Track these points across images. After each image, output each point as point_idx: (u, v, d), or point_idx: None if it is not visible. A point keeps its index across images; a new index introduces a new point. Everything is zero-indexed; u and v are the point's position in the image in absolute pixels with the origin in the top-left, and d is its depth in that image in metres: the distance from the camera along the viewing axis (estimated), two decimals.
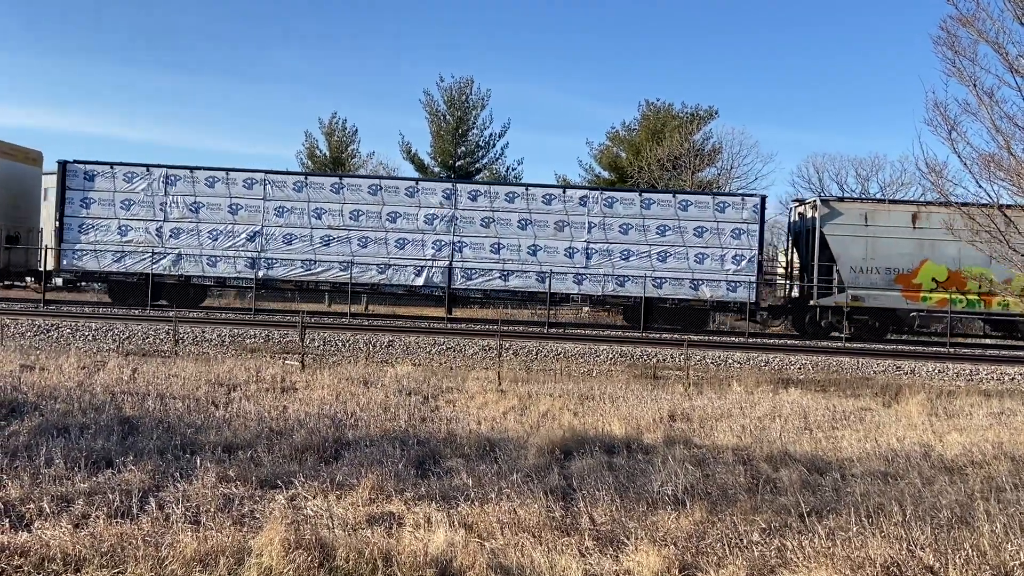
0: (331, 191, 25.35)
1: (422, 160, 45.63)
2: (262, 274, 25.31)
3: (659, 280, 24.98)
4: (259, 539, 5.49)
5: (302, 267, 25.25)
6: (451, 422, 10.46)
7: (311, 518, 6.20)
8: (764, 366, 19.23)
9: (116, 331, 19.40)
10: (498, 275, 25.15)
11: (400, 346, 19.61)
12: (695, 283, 24.96)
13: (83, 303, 26.88)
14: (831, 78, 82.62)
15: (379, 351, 19.20)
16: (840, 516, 6.46)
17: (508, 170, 45.72)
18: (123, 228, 25.21)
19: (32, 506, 6.15)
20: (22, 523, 5.87)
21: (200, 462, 7.43)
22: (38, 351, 16.12)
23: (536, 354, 19.50)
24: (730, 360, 19.48)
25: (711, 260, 24.92)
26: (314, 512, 6.37)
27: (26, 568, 5.11)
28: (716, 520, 6.39)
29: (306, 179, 25.79)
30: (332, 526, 6.00)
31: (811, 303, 25.43)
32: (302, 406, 10.87)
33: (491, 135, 45.61)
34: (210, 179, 25.32)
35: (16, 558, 5.19)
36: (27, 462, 7.25)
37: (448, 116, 44.75)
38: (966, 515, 6.60)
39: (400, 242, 25.24)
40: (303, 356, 16.35)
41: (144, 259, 25.19)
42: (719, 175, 41.81)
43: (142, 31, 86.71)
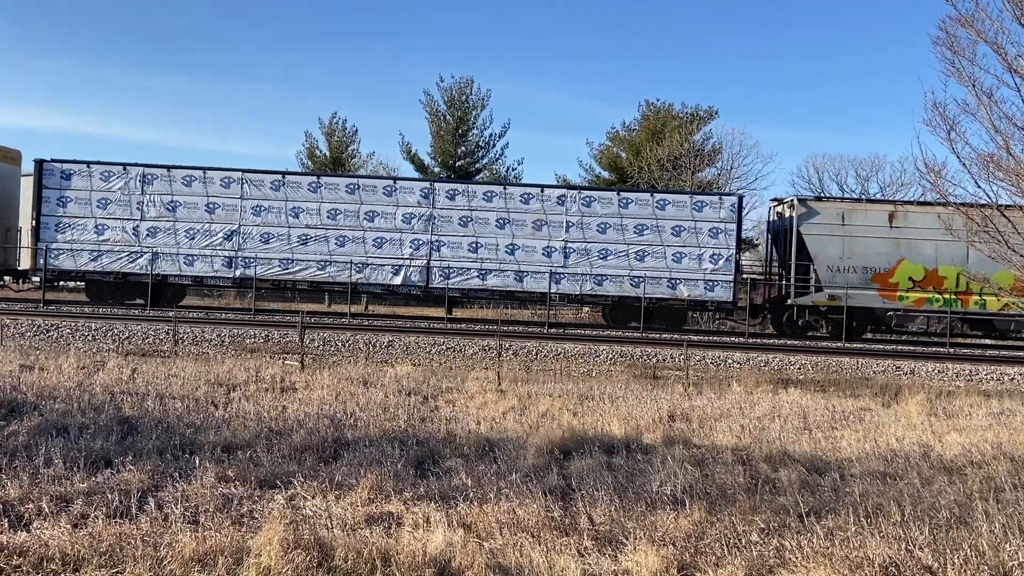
0: (308, 190, 25.30)
1: (422, 160, 45.64)
2: (239, 273, 25.25)
3: (637, 279, 24.98)
4: (258, 539, 5.50)
5: (279, 266, 25.20)
6: (450, 422, 10.47)
7: (310, 518, 6.20)
8: (764, 366, 19.23)
9: (116, 331, 19.41)
10: (476, 274, 25.14)
11: (400, 346, 19.62)
12: (673, 282, 24.97)
13: (82, 303, 26.86)
14: (831, 78, 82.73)
15: (379, 351, 19.20)
16: (839, 516, 6.46)
17: (508, 170, 45.75)
18: (100, 227, 25.16)
19: (31, 506, 6.16)
20: (21, 523, 5.88)
21: (199, 462, 7.44)
22: (38, 351, 16.13)
23: (536, 354, 19.50)
24: (730, 360, 19.49)
25: (689, 259, 24.93)
26: (313, 512, 6.37)
27: (25, 568, 5.11)
28: (715, 520, 6.40)
29: (283, 178, 25.62)
30: (331, 526, 6.00)
31: (788, 302, 25.43)
32: (301, 406, 10.87)
33: (491, 135, 45.66)
34: (187, 178, 25.25)
35: (15, 558, 5.19)
36: (26, 462, 7.26)
37: (448, 116, 44.76)
38: (965, 515, 6.60)
39: (378, 241, 25.23)
40: (303, 356, 16.35)
41: (121, 258, 25.15)
42: (719, 175, 41.80)
43: (142, 31, 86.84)
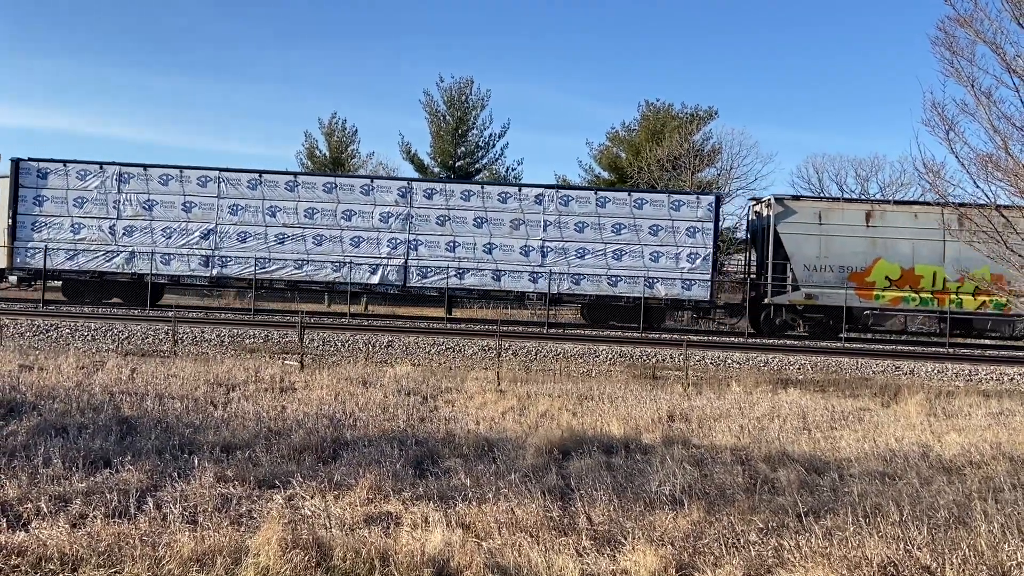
0: (286, 189, 25.30)
1: (422, 160, 45.61)
2: (216, 272, 25.22)
3: (614, 278, 24.96)
4: (256, 539, 5.49)
5: (257, 265, 25.20)
6: (450, 422, 10.47)
7: (308, 518, 6.20)
8: (763, 366, 19.23)
9: (115, 331, 19.41)
10: (454, 273, 25.14)
11: (399, 346, 19.62)
12: (650, 281, 24.95)
13: (82, 303, 26.84)
14: (831, 78, 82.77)
15: (378, 351, 19.20)
16: (837, 516, 6.46)
17: (508, 170, 45.71)
18: (76, 226, 25.12)
19: (30, 506, 6.16)
20: (20, 523, 5.88)
21: (198, 462, 7.44)
22: (37, 351, 16.13)
23: (535, 354, 19.50)
24: (729, 360, 19.49)
25: (666, 258, 24.92)
26: (312, 512, 6.37)
27: (23, 568, 5.11)
28: (713, 520, 6.40)
29: (260, 177, 25.53)
30: (329, 526, 6.00)
31: (765, 301, 25.43)
32: (301, 406, 10.88)
33: (491, 135, 45.60)
34: (164, 177, 25.25)
35: (13, 558, 5.19)
36: (25, 462, 7.26)
37: (448, 116, 44.71)
38: (964, 515, 6.60)
39: (355, 240, 25.21)
40: (302, 356, 16.36)
41: (97, 257, 25.12)
42: (719, 175, 41.74)
43: (142, 31, 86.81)
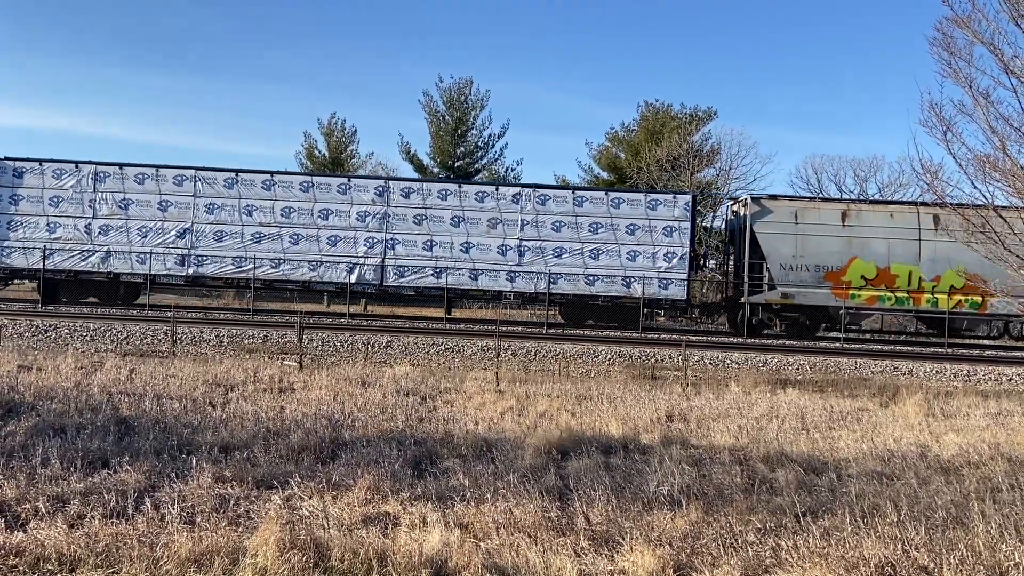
0: (262, 188, 25.27)
1: (421, 161, 45.64)
2: (192, 271, 25.19)
3: (592, 278, 24.94)
4: (254, 539, 5.50)
5: (233, 264, 25.15)
6: (448, 422, 10.47)
7: (307, 518, 6.20)
8: (762, 367, 19.24)
9: (114, 331, 19.41)
10: (431, 272, 25.10)
11: (399, 346, 19.62)
12: (627, 280, 24.93)
13: (81, 303, 26.84)
14: (830, 79, 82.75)
15: (378, 351, 19.20)
16: (835, 516, 6.46)
17: (507, 170, 45.77)
18: (52, 225, 25.08)
19: (28, 506, 6.16)
20: (18, 523, 5.88)
21: (196, 462, 7.44)
22: (36, 351, 16.12)
23: (534, 354, 19.51)
24: (728, 360, 19.49)
25: (643, 257, 24.91)
26: (310, 512, 6.37)
27: (21, 568, 5.12)
28: (712, 520, 6.40)
29: (237, 176, 25.47)
30: (327, 526, 6.00)
31: (742, 300, 25.43)
32: (299, 406, 10.88)
33: (490, 136, 45.66)
34: (139, 176, 25.24)
35: (11, 558, 5.19)
36: (23, 462, 7.26)
37: (447, 116, 44.74)
38: (961, 515, 6.60)
39: (332, 239, 25.18)
40: (301, 356, 16.36)
41: (73, 256, 25.06)
42: (718, 176, 41.81)
43: (142, 31, 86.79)
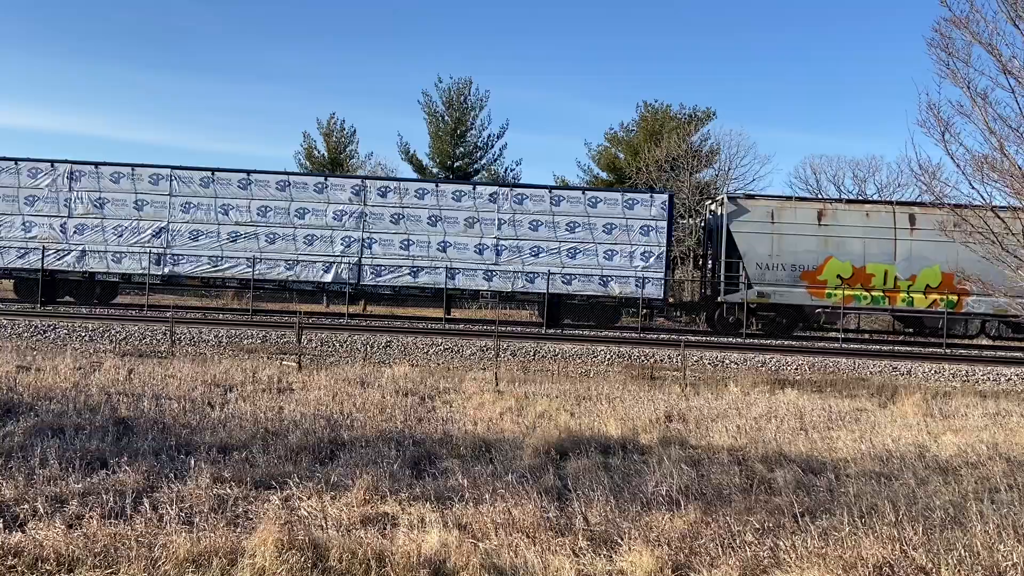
0: (238, 187, 25.25)
1: (420, 161, 45.61)
2: (168, 270, 25.19)
3: (569, 277, 24.95)
4: (252, 540, 5.50)
5: (209, 263, 25.14)
6: (447, 423, 10.47)
7: (305, 519, 6.21)
8: (761, 367, 19.25)
9: (113, 332, 19.40)
10: (408, 272, 25.11)
11: (398, 347, 19.62)
12: (604, 280, 24.95)
13: (80, 303, 26.84)
14: (830, 79, 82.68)
15: (376, 352, 19.20)
16: (834, 516, 6.47)
17: (507, 171, 45.75)
18: (27, 224, 25.08)
19: (26, 506, 6.16)
20: (16, 523, 5.88)
21: (195, 463, 7.43)
22: (35, 352, 16.10)
23: (534, 354, 19.51)
24: (727, 361, 19.50)
25: (620, 257, 24.92)
26: (308, 513, 6.37)
27: (20, 568, 5.11)
28: (710, 520, 6.40)
29: (213, 175, 25.43)
30: (326, 527, 6.01)
31: (719, 299, 25.48)
32: (298, 407, 10.88)
33: (489, 136, 45.64)
34: (115, 175, 25.22)
35: (10, 558, 5.19)
36: (22, 462, 7.26)
37: (446, 117, 44.72)
38: (959, 516, 6.61)
39: (308, 238, 25.18)
40: (300, 357, 16.36)
41: (48, 255, 25.06)
42: (717, 176, 41.80)
43: (142, 31, 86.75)
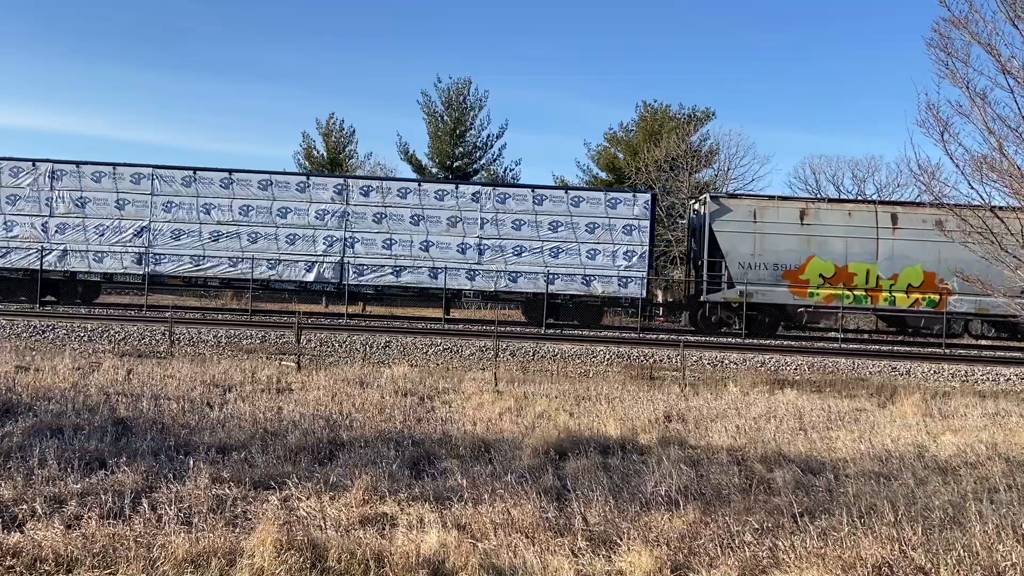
0: (220, 186, 25.23)
1: (420, 161, 45.59)
2: (149, 270, 25.16)
3: (552, 276, 24.96)
4: (251, 540, 5.49)
5: (191, 263, 25.12)
6: (446, 423, 10.47)
7: (304, 519, 6.20)
8: (760, 367, 19.25)
9: (112, 332, 19.39)
10: (390, 271, 25.12)
11: (397, 347, 19.62)
12: (587, 279, 24.95)
13: (78, 303, 26.83)
14: (829, 79, 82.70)
15: (376, 352, 19.20)
16: (833, 516, 6.47)
17: (506, 171, 45.73)
18: (8, 224, 25.04)
19: (25, 507, 6.16)
20: (15, 524, 5.87)
21: (193, 463, 7.43)
22: (33, 352, 16.09)
23: (533, 355, 19.50)
24: (726, 361, 19.50)
25: (603, 256, 24.93)
26: (307, 513, 6.37)
27: (18, 569, 5.11)
28: (709, 520, 6.40)
29: (195, 174, 25.38)
30: (325, 527, 6.00)
31: (701, 299, 25.49)
32: (297, 407, 10.87)
33: (489, 136, 45.61)
34: (96, 174, 25.21)
35: (8, 559, 5.19)
36: (20, 463, 7.25)
37: (445, 117, 44.70)
38: (958, 516, 6.61)
39: (291, 238, 25.16)
40: (299, 357, 16.36)
41: (30, 255, 25.01)
42: (716, 176, 41.78)
43: (142, 31, 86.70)
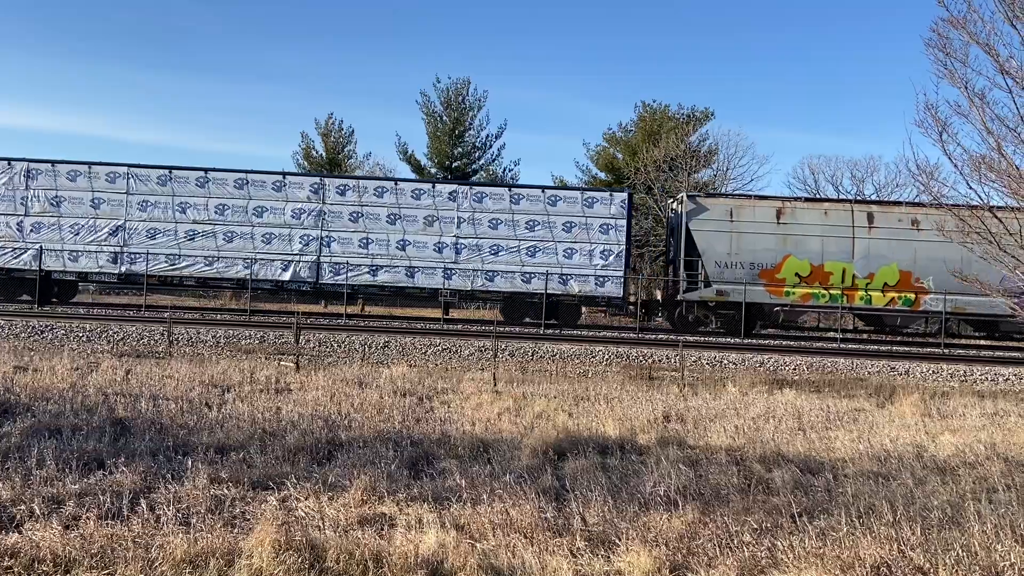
0: (196, 185, 25.22)
1: (419, 161, 45.55)
2: (125, 269, 25.14)
3: (528, 275, 24.93)
4: (249, 540, 5.48)
5: (166, 262, 25.12)
6: (445, 423, 10.46)
7: (302, 519, 6.20)
8: (759, 367, 19.25)
9: (110, 332, 19.37)
10: (367, 270, 25.12)
11: (396, 347, 19.61)
12: (564, 278, 24.96)
13: (77, 304, 26.84)
14: (829, 79, 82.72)
15: (375, 352, 19.19)
16: (831, 516, 6.47)
17: (505, 171, 45.69)
18: None
19: (23, 507, 6.14)
20: (13, 524, 5.86)
21: (192, 463, 7.42)
22: (32, 352, 16.08)
23: (532, 355, 19.50)
24: (725, 361, 19.50)
25: (580, 255, 24.94)
26: (305, 513, 6.36)
27: (16, 569, 5.10)
28: (708, 521, 6.39)
29: (170, 173, 25.37)
30: (323, 527, 5.99)
31: (679, 297, 25.51)
32: (296, 407, 10.86)
33: (488, 136, 45.57)
34: (72, 173, 25.21)
35: (6, 559, 5.18)
36: (19, 463, 7.23)
37: (444, 117, 44.67)
38: (957, 516, 6.61)
39: (267, 237, 25.14)
40: (298, 357, 16.34)
41: (4, 254, 25.01)
42: (715, 176, 41.79)
43: (142, 31, 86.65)
